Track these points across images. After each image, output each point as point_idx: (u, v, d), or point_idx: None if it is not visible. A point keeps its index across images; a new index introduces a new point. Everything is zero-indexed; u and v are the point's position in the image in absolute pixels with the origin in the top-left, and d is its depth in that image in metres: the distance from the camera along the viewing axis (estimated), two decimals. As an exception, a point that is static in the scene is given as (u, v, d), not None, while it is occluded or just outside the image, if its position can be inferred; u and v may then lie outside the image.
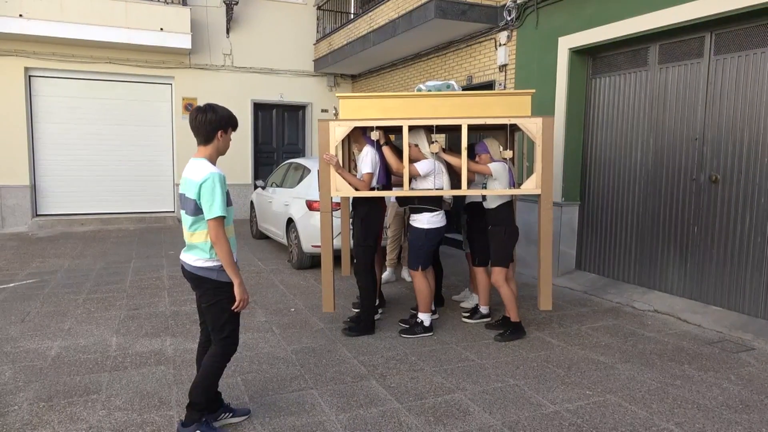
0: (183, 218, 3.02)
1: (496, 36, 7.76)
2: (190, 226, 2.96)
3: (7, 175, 10.58)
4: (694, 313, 5.26)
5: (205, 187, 2.85)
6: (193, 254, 2.99)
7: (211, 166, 2.94)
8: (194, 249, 2.98)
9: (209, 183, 2.86)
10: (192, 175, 2.93)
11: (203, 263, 2.97)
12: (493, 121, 4.52)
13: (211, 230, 2.88)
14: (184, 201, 2.97)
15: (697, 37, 5.39)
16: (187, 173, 2.98)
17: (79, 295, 6.02)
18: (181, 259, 3.08)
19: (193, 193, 2.89)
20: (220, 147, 3.03)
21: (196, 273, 2.99)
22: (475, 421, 3.29)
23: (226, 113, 3.00)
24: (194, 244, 2.97)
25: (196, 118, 2.93)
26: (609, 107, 6.44)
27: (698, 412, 3.41)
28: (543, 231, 4.62)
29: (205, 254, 2.96)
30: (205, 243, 2.95)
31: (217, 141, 2.99)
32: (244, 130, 12.26)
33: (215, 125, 2.95)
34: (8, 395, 3.57)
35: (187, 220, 2.96)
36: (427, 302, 4.76)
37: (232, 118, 3.04)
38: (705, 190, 5.39)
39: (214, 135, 2.97)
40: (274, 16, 12.23)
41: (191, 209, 2.92)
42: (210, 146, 2.99)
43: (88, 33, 10.19)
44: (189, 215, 2.94)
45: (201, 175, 2.88)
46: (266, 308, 5.59)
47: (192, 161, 3.00)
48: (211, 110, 2.95)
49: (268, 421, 3.27)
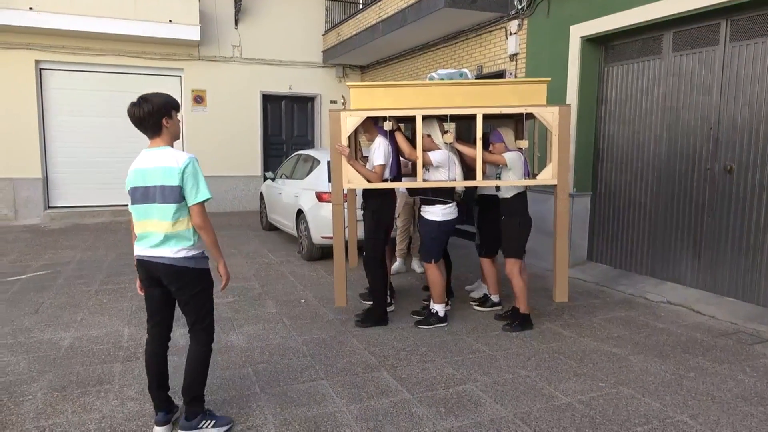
0: (155, 210, 2.85)
1: (507, 25, 7.67)
2: (173, 215, 2.83)
3: (19, 168, 10.66)
4: (708, 304, 5.20)
5: (188, 172, 2.81)
6: (174, 245, 2.87)
7: (183, 152, 2.88)
8: (174, 239, 2.86)
9: (191, 168, 2.83)
10: (162, 162, 2.82)
11: (186, 253, 2.89)
12: (508, 110, 4.45)
13: (198, 215, 2.85)
14: (157, 191, 2.82)
15: (712, 24, 5.29)
16: (152, 162, 2.85)
17: (91, 286, 6.07)
18: (150, 255, 2.88)
19: (175, 180, 2.80)
20: (172, 132, 2.93)
21: (178, 265, 2.87)
22: (486, 412, 3.27)
23: (161, 100, 2.87)
24: (176, 233, 2.86)
25: (134, 114, 2.83)
26: (622, 96, 6.36)
27: (713, 404, 3.37)
28: (559, 222, 4.57)
29: (188, 242, 2.89)
30: (187, 230, 2.89)
31: (165, 128, 2.89)
32: (253, 122, 12.28)
33: (156, 115, 2.84)
34: (23, 385, 3.60)
35: (167, 210, 2.82)
36: (440, 293, 4.74)
37: (168, 104, 2.89)
38: (719, 180, 5.31)
39: (159, 124, 2.87)
40: (282, 7, 12.19)
41: (174, 197, 2.81)
42: (162, 135, 2.90)
43: (98, 25, 10.23)
44: (170, 203, 2.82)
45: (178, 161, 2.82)
46: (276, 299, 5.60)
47: (152, 151, 2.89)
48: (145, 102, 2.83)
49: (279, 411, 3.27)
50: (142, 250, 2.92)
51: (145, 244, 2.90)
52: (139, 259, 2.95)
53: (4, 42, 10.27)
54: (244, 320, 4.92)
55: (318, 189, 7.03)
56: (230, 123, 11.95)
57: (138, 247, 2.94)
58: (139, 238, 2.94)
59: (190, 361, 3.01)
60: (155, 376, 3.01)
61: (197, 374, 3.01)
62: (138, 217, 2.91)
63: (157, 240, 2.86)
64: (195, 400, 3.00)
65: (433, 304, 4.79)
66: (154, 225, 2.86)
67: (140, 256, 2.93)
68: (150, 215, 2.86)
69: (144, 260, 2.92)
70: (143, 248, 2.91)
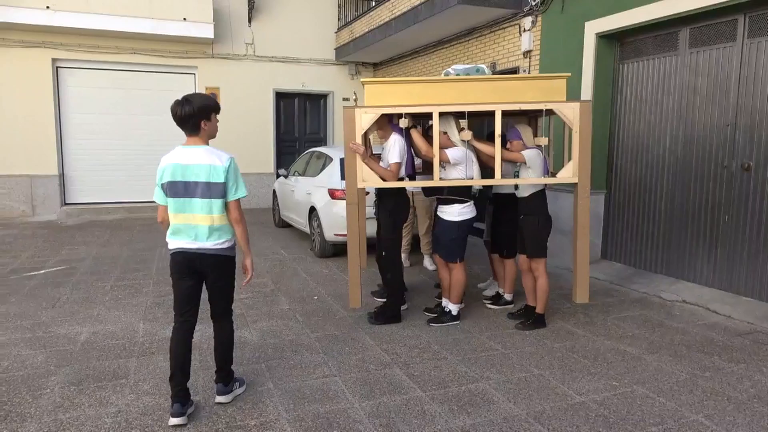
0: (196, 204, 3.04)
1: (521, 21, 7.62)
2: (220, 209, 3.07)
3: (36, 165, 10.81)
4: (724, 303, 5.14)
5: (231, 170, 3.07)
6: (217, 238, 3.11)
7: (222, 151, 3.10)
8: (218, 232, 3.10)
9: (233, 166, 3.10)
10: (206, 160, 3.03)
11: (227, 244, 3.17)
12: (527, 106, 4.37)
13: (237, 209, 3.13)
14: (199, 187, 3.02)
15: (729, 19, 5.21)
16: (193, 159, 3.03)
17: (107, 282, 6.14)
18: (196, 248, 3.09)
19: (221, 177, 3.03)
20: (208, 133, 3.14)
21: (221, 255, 3.15)
22: (499, 410, 3.27)
23: (203, 103, 3.07)
24: (219, 226, 3.10)
25: (176, 113, 3.04)
26: (637, 93, 6.29)
27: (728, 404, 3.33)
28: (580, 221, 4.49)
29: (228, 235, 3.16)
30: (226, 224, 3.15)
31: (203, 129, 3.10)
32: (266, 120, 12.32)
33: (196, 116, 3.04)
34: (41, 378, 3.65)
35: (212, 205, 3.05)
36: (460, 294, 4.71)
37: (208, 107, 3.09)
38: (736, 178, 5.24)
39: (197, 125, 3.07)
40: (295, 5, 12.21)
41: (219, 193, 3.05)
42: (200, 134, 3.10)
43: (113, 24, 10.33)
44: (216, 199, 3.05)
45: (221, 159, 3.05)
46: (289, 296, 5.63)
47: (190, 148, 3.07)
48: (187, 103, 3.03)
49: (292, 407, 3.29)
50: (184, 243, 3.11)
51: (186, 237, 3.10)
52: (179, 251, 3.12)
53: (22, 40, 10.40)
54: (257, 316, 4.95)
55: (330, 186, 7.04)
56: (243, 120, 12.00)
57: (177, 240, 3.12)
58: (177, 230, 3.11)
59: (221, 342, 3.33)
60: (181, 362, 3.15)
61: (229, 351, 3.36)
62: (176, 209, 3.09)
63: (201, 233, 3.08)
64: (229, 372, 3.36)
65: (448, 303, 4.77)
66: (197, 219, 3.07)
67: (182, 249, 3.11)
68: (191, 209, 3.06)
69: (187, 252, 3.11)
70: (185, 241, 3.10)
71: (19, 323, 4.75)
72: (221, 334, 3.33)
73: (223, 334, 3.33)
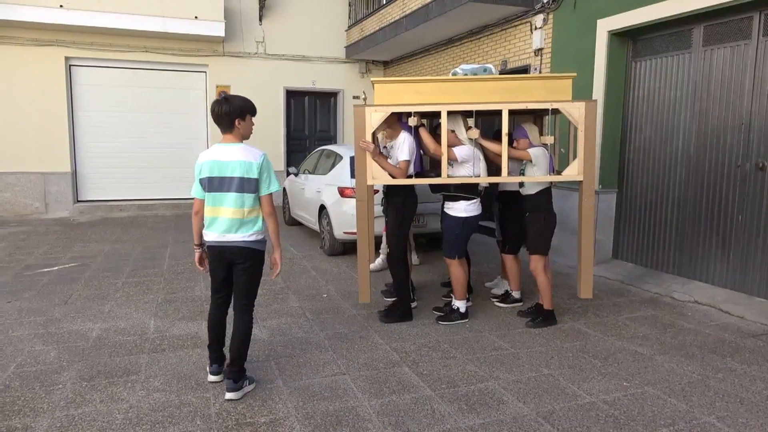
0: (230, 198, 3.24)
1: (532, 19, 7.58)
2: (251, 203, 3.27)
3: (50, 163, 10.91)
4: (737, 304, 5.08)
5: (264, 165, 3.28)
6: (248, 230, 3.30)
7: (255, 148, 3.30)
8: (248, 224, 3.29)
9: (267, 162, 3.31)
10: (241, 156, 3.23)
11: (257, 236, 3.34)
12: (534, 105, 4.42)
13: (269, 204, 3.32)
14: (234, 182, 3.22)
15: (744, 17, 5.15)
16: (229, 156, 3.24)
17: (118, 278, 6.19)
18: (226, 240, 3.29)
19: (254, 173, 3.24)
20: (242, 132, 3.35)
21: (252, 247, 3.33)
22: (508, 410, 3.25)
23: (239, 104, 3.29)
24: (249, 219, 3.29)
25: (214, 110, 3.28)
26: (650, 91, 6.24)
27: (741, 406, 3.30)
28: (584, 218, 4.52)
29: (259, 227, 3.34)
30: (258, 217, 3.33)
31: (236, 128, 3.31)
32: (277, 118, 12.35)
33: (231, 115, 3.26)
34: (53, 374, 3.69)
35: (245, 199, 3.25)
36: (462, 290, 4.73)
37: (244, 108, 3.31)
38: (750, 178, 5.18)
39: (232, 123, 3.29)
40: (306, 3, 12.22)
41: (252, 188, 3.25)
42: (234, 132, 3.32)
43: (125, 22, 10.39)
44: (249, 193, 3.25)
45: (255, 156, 3.26)
46: (299, 294, 5.64)
47: (226, 146, 3.29)
48: (225, 102, 3.27)
49: (301, 405, 3.30)
50: (215, 237, 3.31)
51: (217, 229, 3.30)
52: (213, 245, 3.34)
53: (36, 39, 10.50)
54: (267, 314, 4.97)
55: (340, 184, 7.05)
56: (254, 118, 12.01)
57: (210, 233, 3.34)
58: (210, 223, 3.32)
59: (238, 335, 3.41)
60: (217, 335, 3.51)
61: (244, 346, 3.44)
62: (213, 203, 3.30)
63: (232, 225, 3.27)
64: (241, 368, 3.43)
65: (454, 301, 4.77)
66: (229, 212, 3.26)
67: (215, 242, 3.32)
68: (224, 203, 3.26)
69: (218, 246, 3.32)
70: (216, 234, 3.30)
71: (32, 319, 4.80)
72: (240, 326, 3.42)
73: (241, 327, 3.42)
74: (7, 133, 10.58)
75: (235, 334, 3.42)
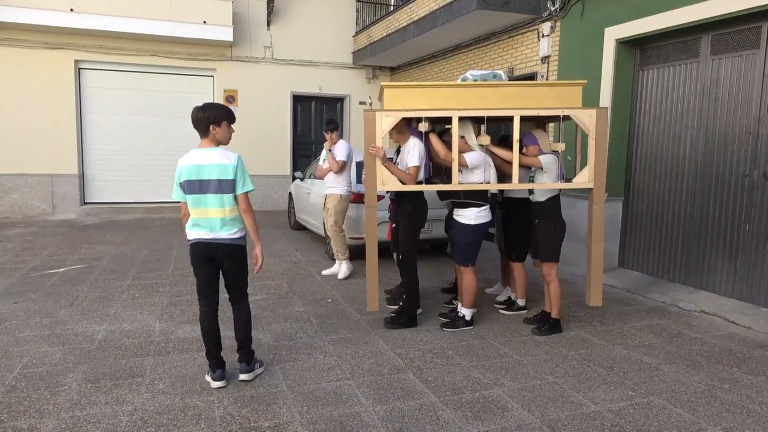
0: (211, 200, 3.42)
1: (539, 27, 7.59)
2: (231, 203, 3.45)
3: (57, 164, 10.98)
4: (744, 314, 5.06)
5: (238, 167, 3.44)
6: (231, 229, 3.48)
7: (230, 151, 3.49)
8: (230, 223, 3.47)
9: (241, 164, 3.47)
10: (216, 160, 3.41)
11: (239, 234, 3.54)
12: (546, 112, 4.42)
13: (245, 202, 3.50)
14: (212, 184, 3.39)
15: (752, 27, 5.14)
16: (205, 160, 3.41)
17: (124, 281, 6.21)
18: (212, 238, 3.46)
19: (230, 174, 3.41)
20: (218, 138, 3.49)
21: (235, 244, 3.53)
22: (513, 418, 3.24)
23: (214, 111, 3.44)
24: (231, 218, 3.47)
25: (193, 116, 3.46)
26: (657, 100, 6.23)
27: (748, 417, 3.28)
28: (594, 225, 4.52)
29: (240, 224, 3.53)
30: (238, 216, 3.51)
31: (212, 133, 3.46)
32: (283, 122, 12.40)
33: (206, 121, 3.43)
34: (59, 375, 3.71)
35: (224, 200, 3.43)
36: (472, 298, 4.71)
37: (219, 115, 3.45)
38: (758, 187, 5.16)
39: (207, 129, 3.45)
40: (313, 9, 12.29)
41: (229, 189, 3.42)
42: (210, 137, 3.47)
43: (135, 26, 10.49)
44: (227, 194, 3.42)
45: (230, 158, 3.44)
46: (304, 298, 5.64)
47: (203, 150, 3.45)
48: (203, 109, 3.45)
49: (305, 410, 3.30)
50: (201, 234, 3.48)
51: (202, 228, 3.47)
52: (198, 242, 3.49)
53: (46, 42, 10.59)
54: (271, 318, 4.98)
55: (346, 189, 7.03)
56: (261, 123, 12.08)
57: (195, 231, 3.49)
58: (195, 223, 3.48)
59: (240, 323, 3.67)
60: (213, 337, 3.59)
61: (248, 331, 3.69)
62: (194, 205, 3.46)
63: (216, 225, 3.45)
64: (249, 351, 3.68)
65: (461, 308, 4.76)
66: (212, 212, 3.44)
67: (200, 239, 3.48)
68: (206, 204, 3.43)
69: (204, 242, 3.48)
70: (203, 232, 3.47)
71: (38, 320, 4.82)
72: (240, 315, 3.68)
73: (241, 315, 3.68)
74: (16, 134, 10.67)
75: (237, 321, 3.68)
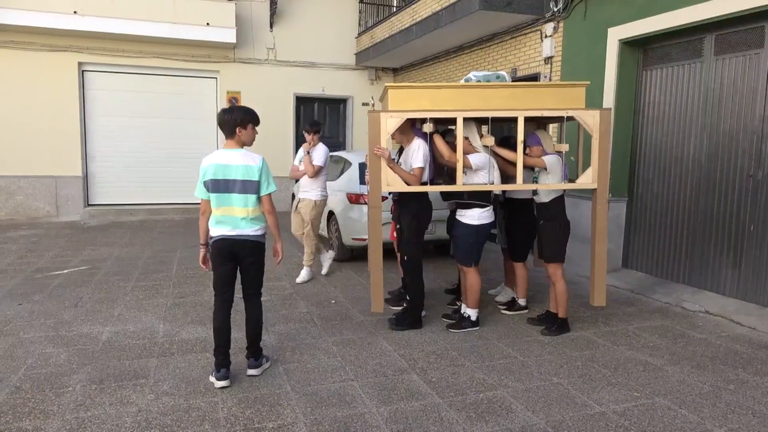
0: (235, 199, 3.54)
1: (542, 27, 7.59)
2: (254, 203, 3.59)
3: (61, 166, 11.01)
4: (749, 315, 5.04)
5: (264, 168, 3.60)
6: (255, 226, 3.63)
7: (255, 153, 3.61)
8: (254, 221, 3.62)
9: (265, 165, 3.63)
10: (242, 161, 3.54)
11: (261, 231, 3.70)
12: (549, 113, 4.43)
13: (269, 202, 3.66)
14: (237, 184, 3.52)
15: (756, 26, 5.13)
16: (231, 160, 3.54)
17: (128, 282, 6.22)
18: (236, 234, 3.58)
19: (255, 176, 3.56)
20: (243, 139, 3.64)
21: (259, 241, 3.68)
22: (517, 419, 3.24)
23: (240, 115, 3.59)
24: (255, 216, 3.61)
25: (220, 117, 3.62)
26: (660, 100, 6.22)
27: (753, 418, 3.26)
28: (598, 226, 4.52)
29: (263, 223, 3.69)
30: (261, 214, 3.66)
31: (238, 135, 3.60)
32: (286, 124, 12.41)
33: (232, 123, 3.57)
34: (63, 377, 3.71)
35: (249, 199, 3.56)
36: (477, 298, 4.70)
37: (245, 118, 3.60)
38: (763, 187, 5.14)
39: (234, 131, 3.58)
40: (316, 10, 12.30)
41: (254, 189, 3.57)
42: (235, 139, 3.62)
43: (138, 28, 10.51)
44: (251, 194, 3.57)
45: (255, 160, 3.58)
46: (307, 300, 5.64)
47: (228, 151, 3.60)
48: (229, 112, 3.61)
49: (310, 411, 3.30)
50: (225, 231, 3.59)
51: (226, 226, 3.58)
52: (221, 238, 3.59)
53: (50, 44, 10.63)
54: (275, 319, 4.98)
55: (349, 191, 7.06)
56: (264, 124, 11.66)
57: (219, 228, 3.60)
58: (219, 221, 3.60)
59: (252, 320, 3.78)
60: (224, 335, 3.63)
61: (259, 328, 3.80)
62: (219, 203, 3.57)
63: (240, 223, 3.57)
64: (258, 347, 3.81)
65: (466, 309, 4.75)
66: (236, 211, 3.56)
67: (224, 236, 3.59)
68: (230, 203, 3.56)
69: (229, 239, 3.59)
70: (227, 229, 3.59)
71: (43, 321, 4.83)
72: (252, 312, 3.78)
73: (253, 312, 3.78)
74: (20, 137, 10.69)
75: (249, 320, 3.77)
